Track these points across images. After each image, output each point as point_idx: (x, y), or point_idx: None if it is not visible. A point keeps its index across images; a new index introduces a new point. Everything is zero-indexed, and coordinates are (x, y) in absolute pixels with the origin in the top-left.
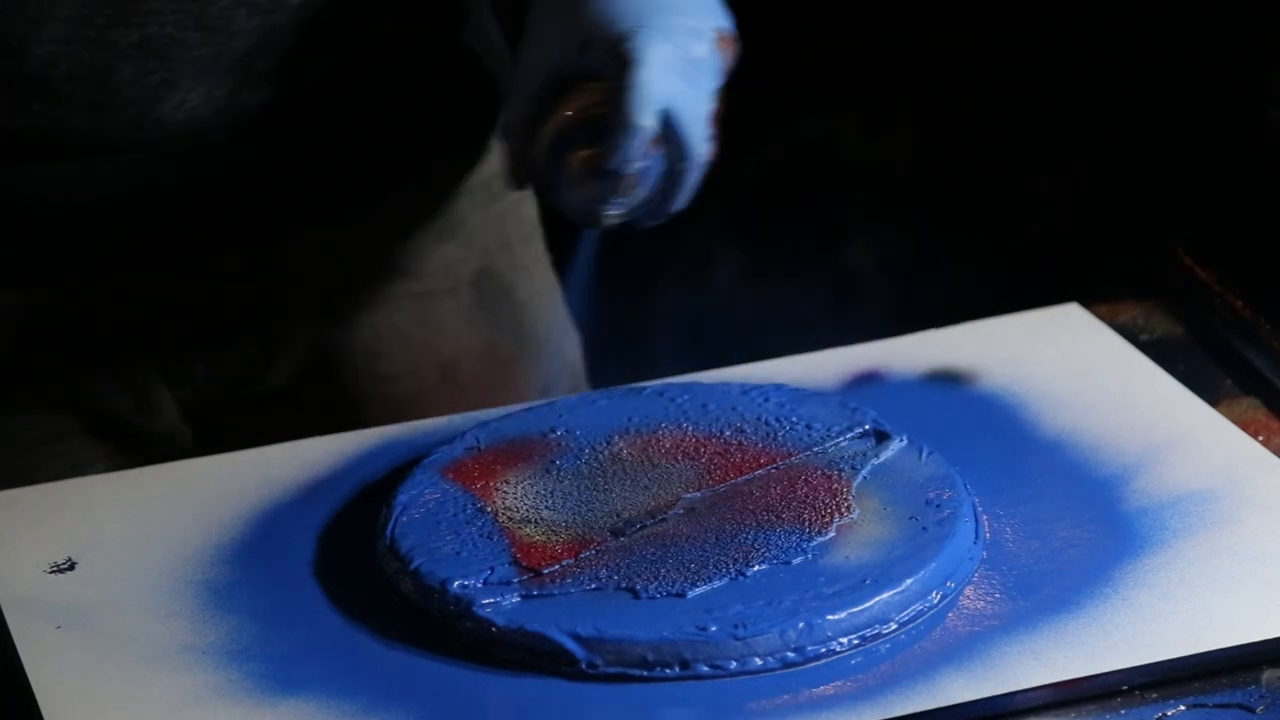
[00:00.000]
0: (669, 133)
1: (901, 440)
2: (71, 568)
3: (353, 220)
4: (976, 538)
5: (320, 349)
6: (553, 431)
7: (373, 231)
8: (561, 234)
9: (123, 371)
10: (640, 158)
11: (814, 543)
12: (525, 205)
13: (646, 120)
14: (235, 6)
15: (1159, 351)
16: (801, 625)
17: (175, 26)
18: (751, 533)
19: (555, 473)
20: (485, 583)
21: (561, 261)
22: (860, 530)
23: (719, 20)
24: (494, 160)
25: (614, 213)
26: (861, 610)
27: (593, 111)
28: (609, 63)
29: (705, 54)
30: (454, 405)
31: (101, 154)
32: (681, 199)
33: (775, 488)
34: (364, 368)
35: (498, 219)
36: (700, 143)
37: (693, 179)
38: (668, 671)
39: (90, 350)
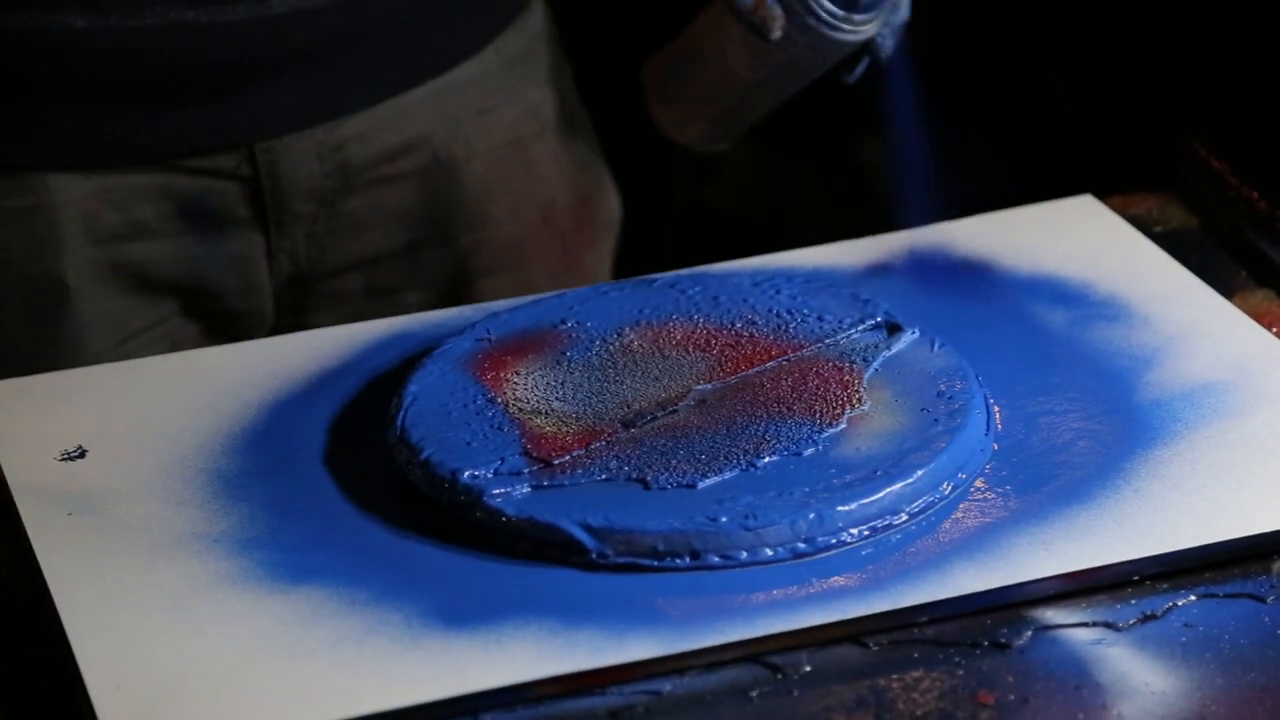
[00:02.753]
0: None
1: (913, 332)
2: (82, 455)
3: (456, 73)
4: (988, 430)
5: (428, 209)
6: (563, 323)
7: (471, 81)
8: None
9: (235, 249)
10: None
11: (825, 434)
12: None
13: None
14: None
15: (1173, 243)
16: (812, 516)
17: None
18: (762, 424)
19: (566, 364)
20: (496, 473)
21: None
22: (871, 422)
23: None
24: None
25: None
26: (872, 501)
27: None
28: None
29: None
30: (554, 246)
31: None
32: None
33: (786, 379)
34: (475, 219)
35: (561, 60)
36: None
37: None
38: (678, 562)
39: (205, 227)
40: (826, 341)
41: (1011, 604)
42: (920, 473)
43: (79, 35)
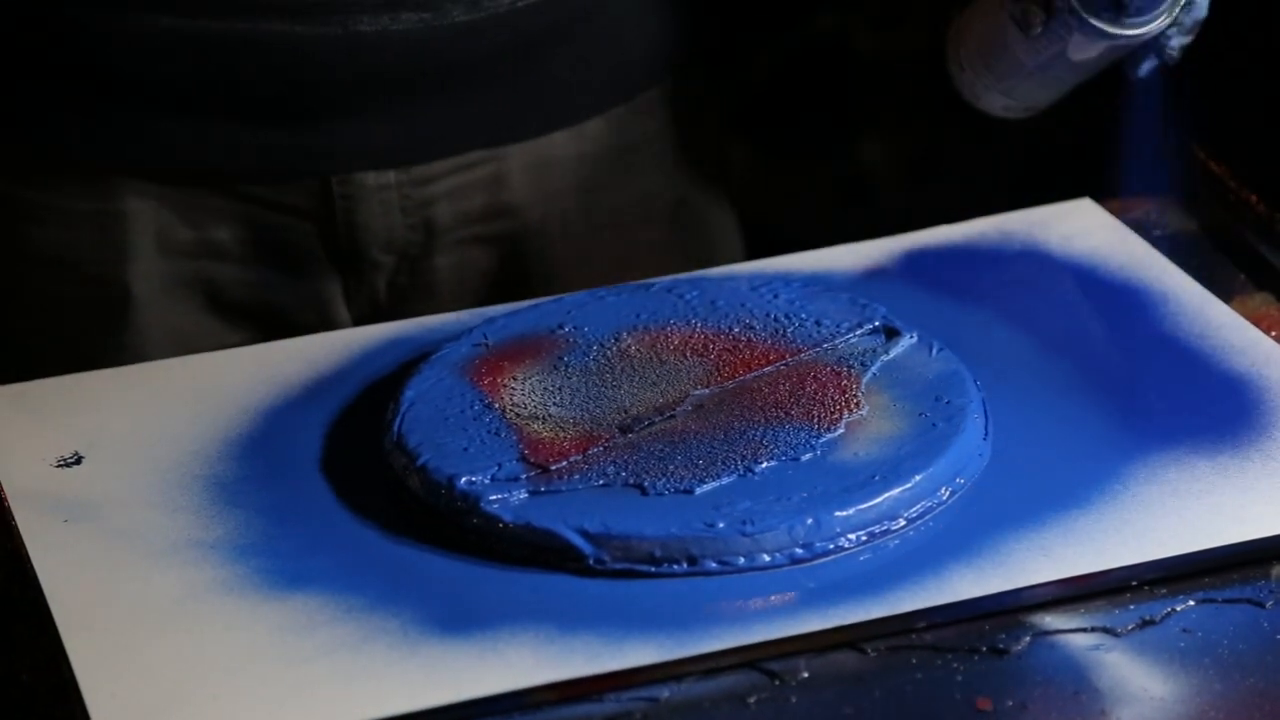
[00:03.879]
0: None
1: (911, 336)
2: (79, 462)
3: (562, 147)
4: (986, 434)
5: (512, 277)
6: (560, 328)
7: (579, 159)
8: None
9: (313, 286)
10: None
11: (823, 439)
12: (713, 134)
13: None
14: None
15: (1172, 247)
16: (810, 521)
17: None
18: (760, 429)
19: (563, 369)
20: (493, 479)
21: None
22: (869, 427)
23: None
24: (696, 86)
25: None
26: (870, 506)
27: None
28: None
29: None
30: None
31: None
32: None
33: (784, 384)
34: (564, 289)
35: (694, 148)
36: None
37: None
38: (675, 568)
39: (280, 260)
40: (824, 346)
41: (1010, 609)
42: (918, 478)
43: (161, 35)
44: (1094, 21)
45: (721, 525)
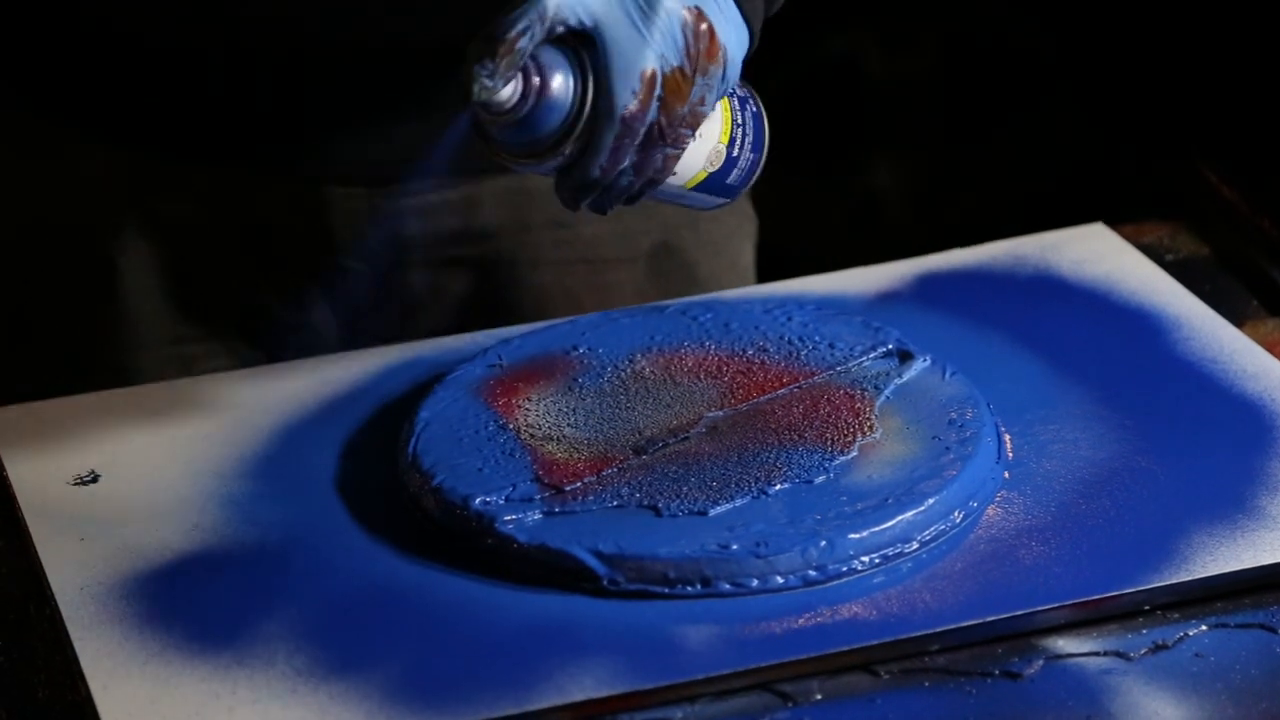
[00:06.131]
0: (586, 66)
1: (925, 360)
2: (95, 480)
3: (538, 180)
4: (999, 457)
5: (485, 300)
6: (575, 349)
7: (548, 190)
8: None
9: (296, 283)
10: (491, 72)
11: (836, 462)
12: None
13: (524, 21)
14: None
15: (1184, 272)
16: (823, 544)
17: None
18: (774, 451)
19: (578, 390)
20: (507, 499)
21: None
22: (883, 449)
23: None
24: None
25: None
26: (883, 529)
27: None
28: None
29: (665, 11)
30: None
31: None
32: (595, 160)
33: (798, 407)
34: (535, 318)
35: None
36: (621, 88)
37: (606, 134)
38: (689, 589)
39: (262, 264)
40: (838, 369)
41: (1022, 633)
42: (931, 501)
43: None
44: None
45: (735, 547)
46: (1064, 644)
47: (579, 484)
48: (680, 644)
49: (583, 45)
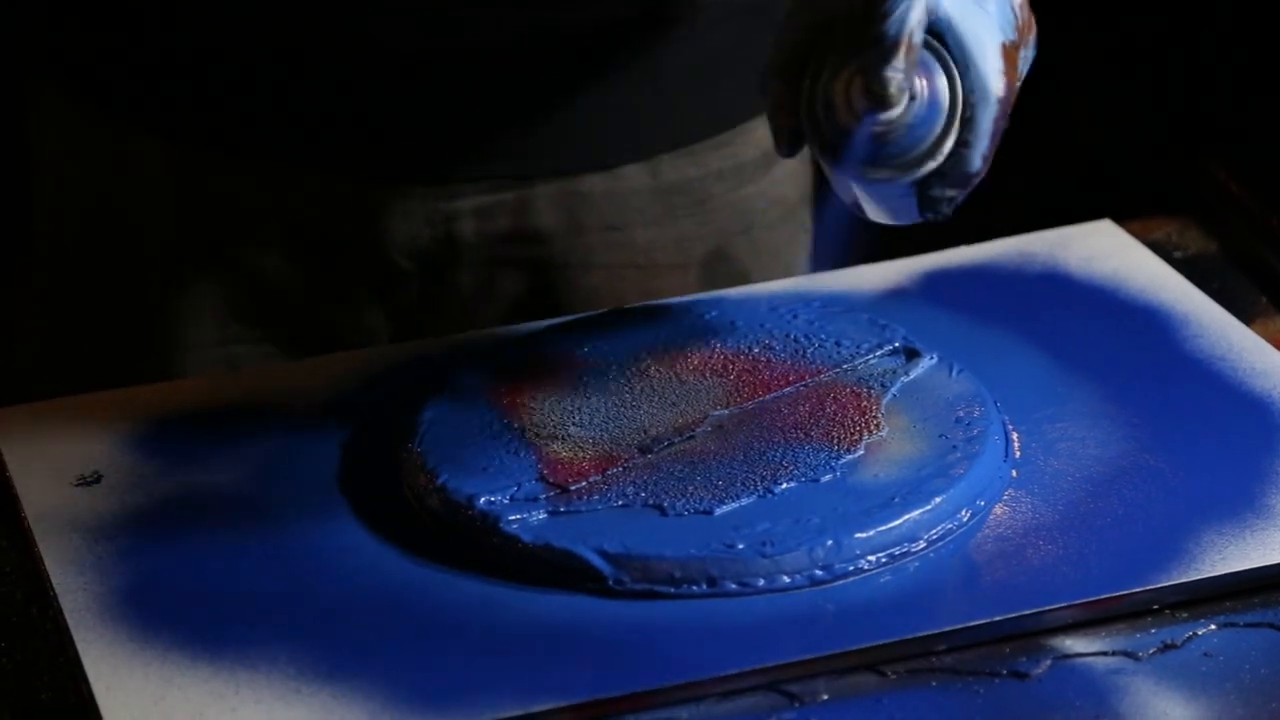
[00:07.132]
0: (947, 58)
1: (931, 358)
2: (98, 480)
3: (592, 184)
4: (1006, 456)
5: (535, 301)
6: (580, 348)
7: (611, 195)
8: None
9: (345, 283)
10: (905, 75)
11: (843, 460)
12: (784, 186)
13: (913, 16)
14: None
15: (1193, 269)
16: (830, 543)
17: None
18: (780, 450)
19: (583, 389)
20: (512, 499)
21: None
22: (889, 448)
23: None
24: (752, 141)
25: (889, 167)
26: (890, 528)
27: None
28: None
29: None
30: None
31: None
32: (979, 149)
33: (804, 405)
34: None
35: (744, 201)
36: (990, 70)
37: (986, 120)
38: (695, 589)
39: (315, 264)
40: (844, 367)
41: (1030, 633)
42: (939, 499)
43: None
44: (822, 160)
45: (741, 546)
46: (1072, 644)
47: (584, 483)
48: (686, 644)
49: (930, 35)
